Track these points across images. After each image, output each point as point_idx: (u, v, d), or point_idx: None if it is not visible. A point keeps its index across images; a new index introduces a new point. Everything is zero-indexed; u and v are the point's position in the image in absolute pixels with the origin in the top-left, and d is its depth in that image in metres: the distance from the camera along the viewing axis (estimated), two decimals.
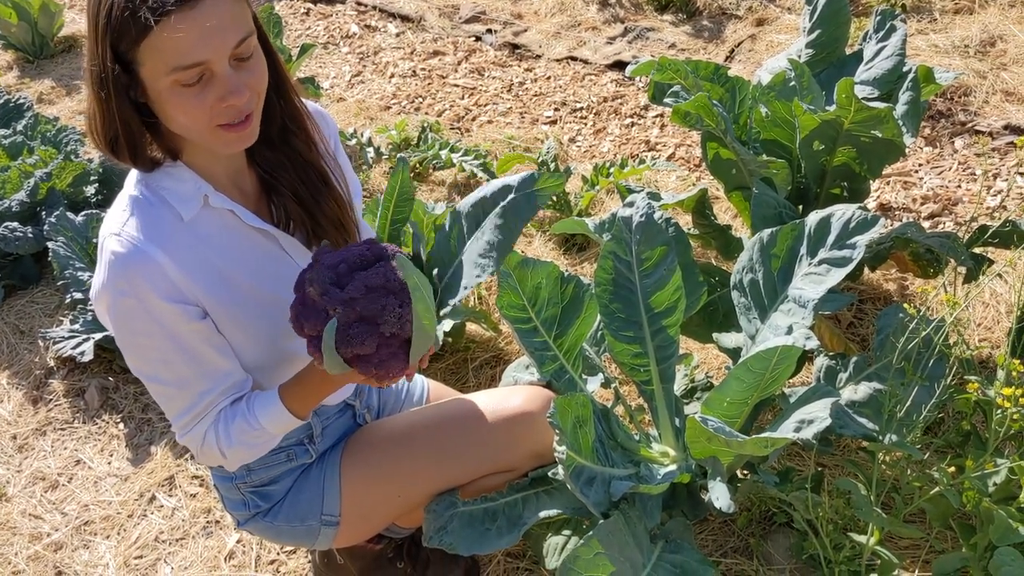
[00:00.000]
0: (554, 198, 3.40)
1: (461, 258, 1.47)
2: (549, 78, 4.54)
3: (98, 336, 2.98)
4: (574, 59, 4.66)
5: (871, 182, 2.44)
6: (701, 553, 1.77)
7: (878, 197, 3.29)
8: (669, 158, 3.77)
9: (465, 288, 1.45)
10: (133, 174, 1.49)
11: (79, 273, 3.11)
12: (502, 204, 1.45)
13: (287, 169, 1.56)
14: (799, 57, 2.48)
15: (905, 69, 2.28)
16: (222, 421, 1.55)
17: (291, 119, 1.54)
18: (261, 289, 1.54)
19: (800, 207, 2.47)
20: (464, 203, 1.49)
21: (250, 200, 1.57)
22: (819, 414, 1.56)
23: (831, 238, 1.78)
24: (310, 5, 5.74)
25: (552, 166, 3.39)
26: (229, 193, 1.52)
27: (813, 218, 1.82)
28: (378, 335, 1.36)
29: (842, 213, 1.79)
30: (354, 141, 3.94)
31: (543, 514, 1.75)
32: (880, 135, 2.15)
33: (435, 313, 1.42)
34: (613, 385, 2.08)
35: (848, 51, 2.50)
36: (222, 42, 1.29)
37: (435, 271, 1.50)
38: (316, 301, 1.37)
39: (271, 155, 1.55)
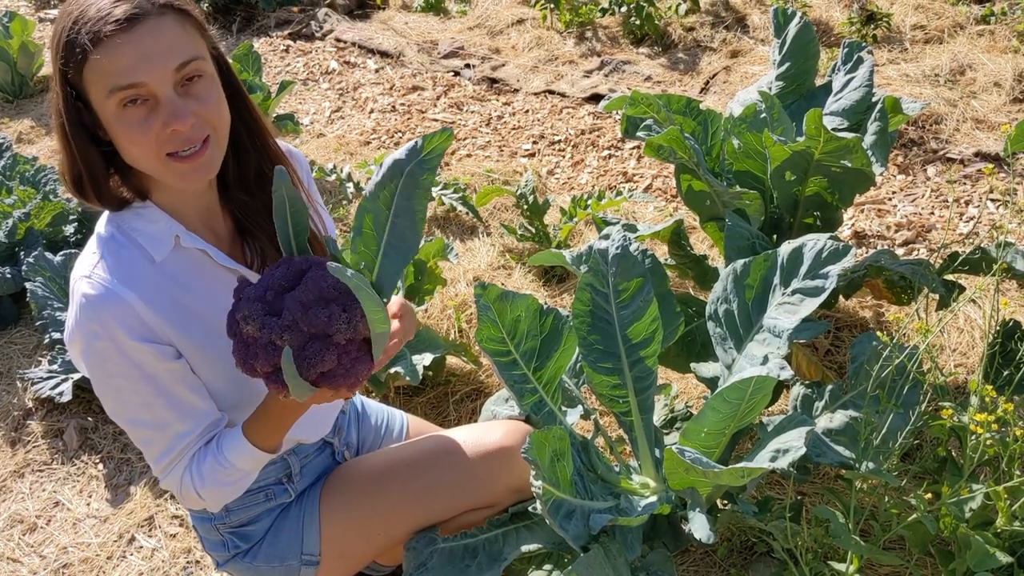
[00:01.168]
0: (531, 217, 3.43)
1: (381, 248, 1.43)
2: (527, 111, 4.59)
3: (76, 376, 2.96)
4: (552, 92, 4.71)
5: (844, 211, 2.48)
6: None
7: (852, 225, 3.33)
8: (647, 189, 3.81)
9: (396, 274, 1.42)
10: (104, 216, 1.50)
11: (57, 314, 3.10)
12: (399, 182, 1.40)
13: (263, 215, 1.57)
14: (770, 89, 2.52)
15: (874, 100, 2.32)
16: (195, 462, 1.55)
17: (269, 164, 1.55)
18: None
19: (774, 237, 2.49)
20: (365, 194, 1.44)
21: (223, 241, 1.58)
22: (794, 443, 1.57)
23: (803, 268, 1.80)
24: (289, 42, 5.79)
25: (531, 198, 3.41)
26: (200, 233, 1.53)
27: (785, 249, 1.84)
28: (335, 347, 1.32)
29: (814, 243, 1.81)
30: (334, 176, 3.96)
31: (523, 549, 1.75)
32: (850, 165, 2.18)
33: (382, 303, 1.37)
34: (593, 416, 2.09)
35: (819, 82, 2.54)
36: (162, 65, 1.31)
37: (361, 265, 1.46)
38: (257, 337, 1.32)
39: (248, 200, 1.56)
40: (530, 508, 1.80)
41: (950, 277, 2.38)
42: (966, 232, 3.16)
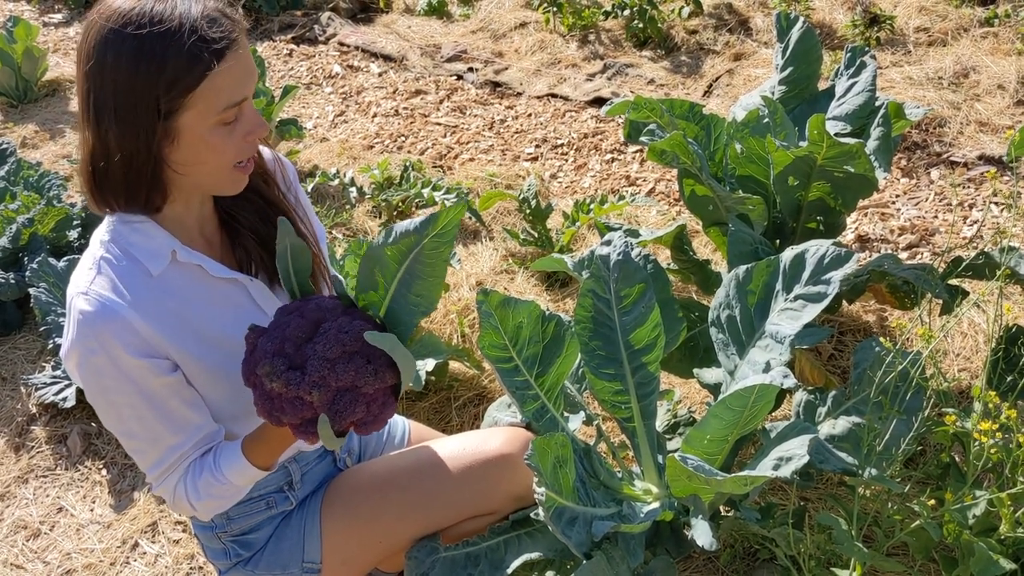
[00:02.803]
0: (532, 233, 3.43)
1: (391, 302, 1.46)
2: (530, 115, 4.59)
3: (83, 389, 2.96)
4: (555, 96, 4.71)
5: (847, 215, 2.47)
6: None
7: (856, 229, 3.32)
8: (649, 193, 3.81)
9: (412, 325, 1.45)
10: (99, 232, 1.51)
11: (61, 319, 3.10)
12: (415, 251, 1.40)
13: (246, 208, 1.60)
14: (772, 94, 2.51)
15: (877, 104, 2.32)
16: (190, 474, 1.55)
17: (257, 166, 1.59)
18: (230, 338, 1.55)
19: (777, 242, 2.49)
20: (375, 245, 1.43)
21: (215, 249, 1.59)
22: (797, 451, 1.57)
23: (806, 274, 1.80)
24: (293, 46, 5.79)
25: (534, 203, 3.41)
26: (197, 244, 1.55)
27: (788, 254, 1.84)
28: (363, 396, 1.37)
29: (816, 249, 1.81)
30: (337, 181, 3.96)
31: (525, 557, 1.75)
32: (853, 170, 2.18)
33: (414, 366, 1.42)
34: (595, 422, 2.08)
35: (822, 85, 2.54)
36: (253, 80, 1.40)
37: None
38: (283, 393, 1.35)
39: (232, 201, 1.58)
40: (532, 515, 1.80)
41: (954, 282, 2.37)
42: (970, 236, 3.15)
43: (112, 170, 1.40)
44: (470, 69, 5.11)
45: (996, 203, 3.27)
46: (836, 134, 2.23)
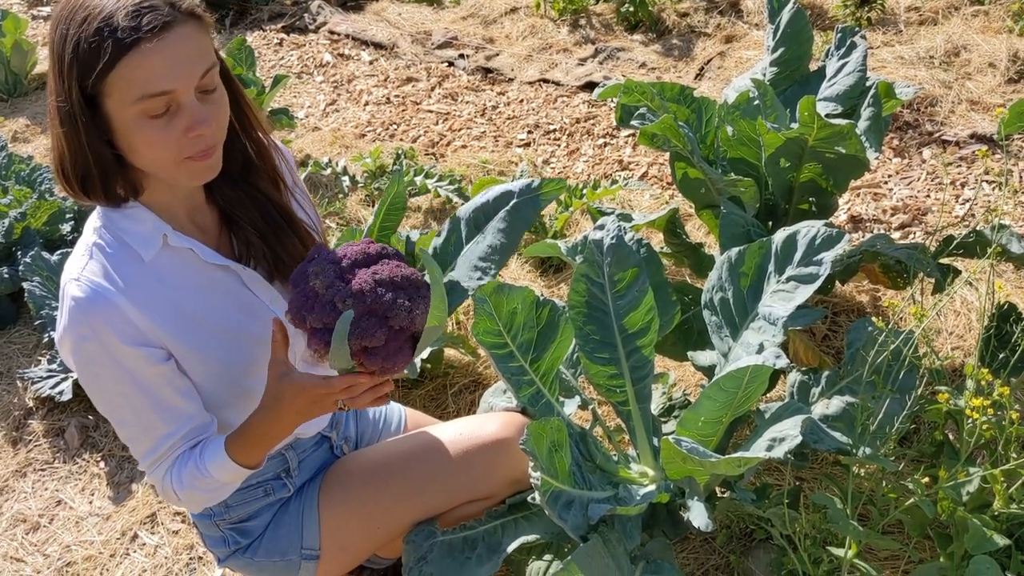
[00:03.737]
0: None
1: (458, 261, 1.54)
2: (522, 101, 4.58)
3: (76, 375, 2.96)
4: (546, 81, 4.70)
5: (839, 196, 2.48)
6: (682, 572, 1.78)
7: (848, 209, 3.33)
8: (642, 177, 3.81)
9: (468, 291, 1.52)
10: (92, 219, 1.50)
11: (55, 313, 3.10)
12: (505, 209, 1.54)
13: (247, 206, 1.58)
14: (764, 76, 2.51)
15: (868, 84, 2.32)
16: (177, 465, 1.55)
17: (257, 155, 1.56)
18: (223, 325, 1.55)
19: (769, 223, 2.49)
20: (464, 209, 1.56)
21: (210, 236, 1.58)
22: (790, 432, 1.57)
23: (798, 255, 1.81)
24: (283, 36, 5.77)
25: None
26: (188, 231, 1.54)
27: (779, 236, 1.84)
28: (387, 328, 1.39)
29: (807, 230, 1.81)
30: (329, 170, 3.95)
31: (523, 539, 1.76)
32: (844, 151, 2.18)
33: (447, 310, 1.45)
34: (591, 406, 2.09)
35: (813, 66, 2.54)
36: (189, 72, 1.32)
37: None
38: (322, 294, 1.38)
39: (231, 192, 1.56)
40: (528, 499, 1.81)
41: (946, 260, 2.38)
42: (962, 214, 3.16)
43: (76, 163, 1.39)
44: (461, 56, 5.10)
45: (988, 181, 3.27)
46: (827, 115, 2.23)
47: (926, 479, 1.83)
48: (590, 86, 4.53)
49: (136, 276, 1.46)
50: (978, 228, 2.29)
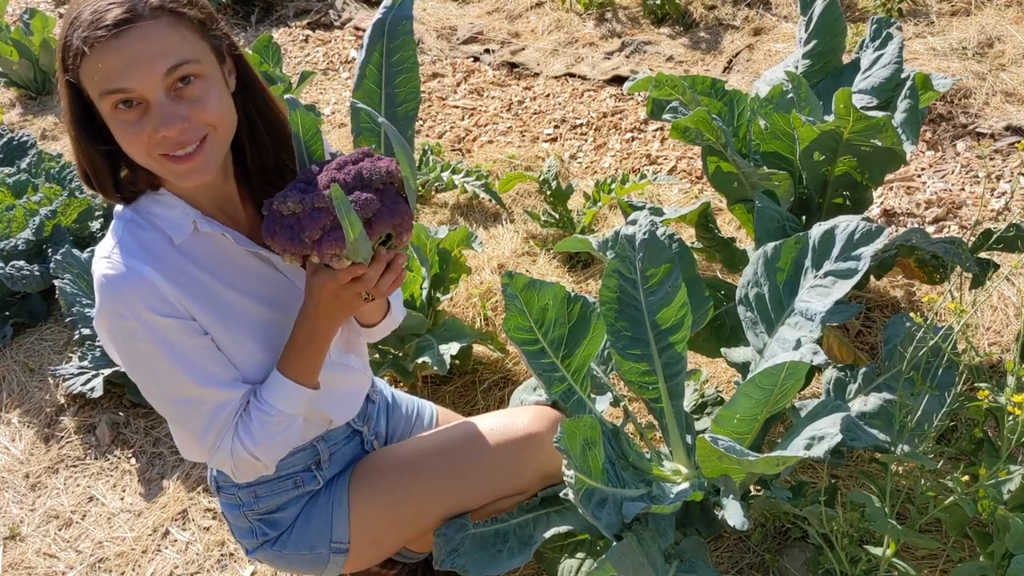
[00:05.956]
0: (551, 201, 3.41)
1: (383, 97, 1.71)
2: (548, 95, 4.55)
3: (107, 372, 2.98)
4: (572, 75, 4.67)
5: (873, 190, 2.44)
6: (716, 571, 1.76)
7: (882, 203, 3.28)
8: (671, 171, 3.78)
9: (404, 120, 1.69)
10: (121, 205, 1.51)
11: (86, 309, 3.12)
12: (388, 48, 1.70)
13: None
14: (796, 68, 2.48)
15: (903, 76, 2.28)
16: (240, 427, 1.54)
17: (287, 154, 1.55)
18: (258, 309, 1.55)
19: (803, 218, 2.46)
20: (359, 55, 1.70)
21: (243, 227, 1.58)
22: (829, 430, 1.55)
23: (836, 250, 1.78)
24: (308, 32, 5.77)
25: (554, 184, 3.39)
26: (218, 220, 1.53)
27: (817, 231, 1.82)
28: (374, 190, 1.41)
29: (846, 225, 1.79)
30: None
31: (554, 531, 1.74)
32: (880, 144, 2.15)
33: (409, 150, 1.50)
34: (622, 403, 2.07)
35: (846, 58, 2.50)
36: (149, 70, 1.31)
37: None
38: (299, 211, 1.39)
39: (270, 190, 1.55)
40: (561, 494, 1.80)
41: (983, 255, 2.34)
42: (998, 208, 3.10)
43: (83, 159, 1.42)
44: (486, 50, 5.08)
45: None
46: (862, 107, 2.20)
47: (966, 477, 1.80)
48: (617, 80, 4.50)
49: (166, 254, 1.46)
50: (1016, 221, 2.25)
